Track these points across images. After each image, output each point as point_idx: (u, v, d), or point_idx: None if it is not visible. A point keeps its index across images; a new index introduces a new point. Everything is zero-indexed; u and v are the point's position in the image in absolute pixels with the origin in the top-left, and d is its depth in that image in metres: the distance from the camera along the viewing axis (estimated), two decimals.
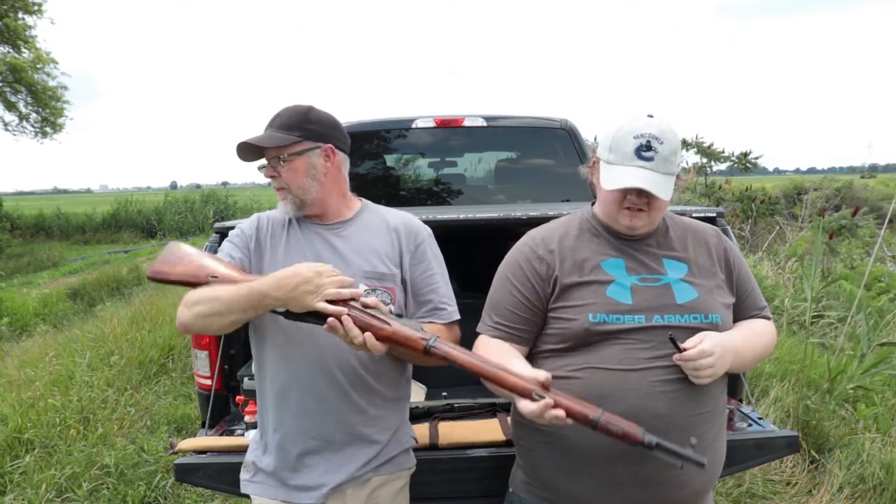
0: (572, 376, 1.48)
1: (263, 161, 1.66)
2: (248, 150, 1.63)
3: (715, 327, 1.48)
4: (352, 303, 1.44)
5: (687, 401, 1.44)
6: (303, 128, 1.63)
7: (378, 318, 1.43)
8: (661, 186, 1.44)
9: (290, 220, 1.72)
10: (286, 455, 1.64)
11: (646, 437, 1.26)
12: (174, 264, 1.57)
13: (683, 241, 1.59)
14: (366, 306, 1.44)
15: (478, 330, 1.61)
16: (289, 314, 1.47)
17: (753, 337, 1.56)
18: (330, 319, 1.42)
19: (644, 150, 1.44)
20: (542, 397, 1.29)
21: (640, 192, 1.46)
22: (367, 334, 1.42)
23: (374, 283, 1.64)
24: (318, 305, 1.42)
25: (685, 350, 1.39)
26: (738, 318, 1.60)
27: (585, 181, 1.66)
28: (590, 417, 1.28)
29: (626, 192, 1.47)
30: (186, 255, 1.58)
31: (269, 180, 1.66)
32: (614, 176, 1.46)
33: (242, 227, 1.73)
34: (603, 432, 1.28)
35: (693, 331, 1.45)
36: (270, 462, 1.66)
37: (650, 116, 1.49)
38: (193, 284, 1.55)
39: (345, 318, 1.41)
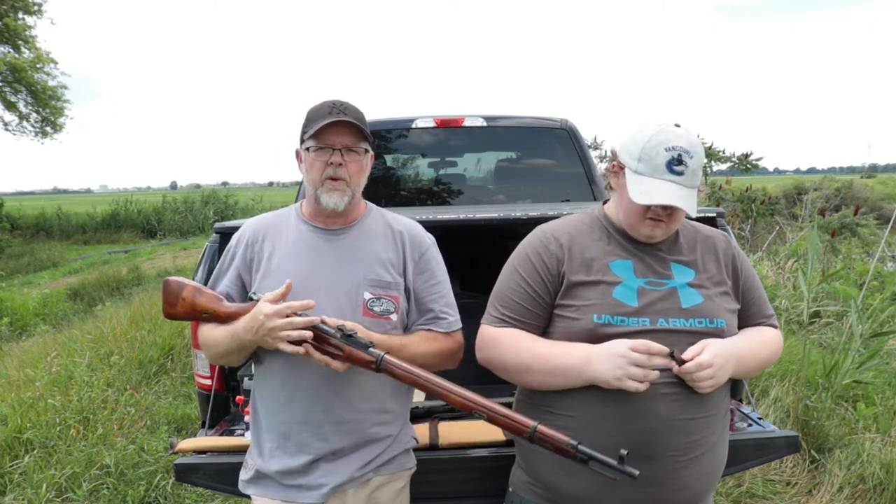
0: None
1: (315, 145, 1.60)
2: (330, 129, 1.58)
3: (720, 332, 1.48)
4: (318, 327, 1.50)
5: (689, 404, 1.44)
6: (368, 129, 1.64)
7: (332, 345, 1.50)
8: (689, 201, 1.43)
9: (290, 224, 1.71)
10: (289, 462, 1.64)
11: (578, 449, 1.36)
12: (174, 304, 1.68)
13: (692, 247, 1.58)
14: (324, 323, 1.51)
15: (482, 322, 1.60)
16: None
17: (759, 344, 1.56)
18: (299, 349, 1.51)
19: (675, 164, 1.42)
20: (482, 416, 1.46)
21: (666, 206, 1.44)
22: (325, 359, 1.50)
23: (378, 292, 1.64)
24: (280, 347, 1.50)
25: (684, 363, 1.39)
26: (744, 325, 1.60)
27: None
28: (525, 430, 1.41)
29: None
30: (181, 294, 1.67)
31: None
32: (644, 189, 1.43)
33: (230, 245, 1.74)
34: (538, 445, 1.40)
35: (697, 335, 1.45)
36: (272, 465, 1.65)
37: (678, 126, 1.46)
38: (196, 318, 1.68)
39: (306, 345, 1.50)
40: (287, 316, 1.48)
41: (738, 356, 1.47)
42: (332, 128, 1.58)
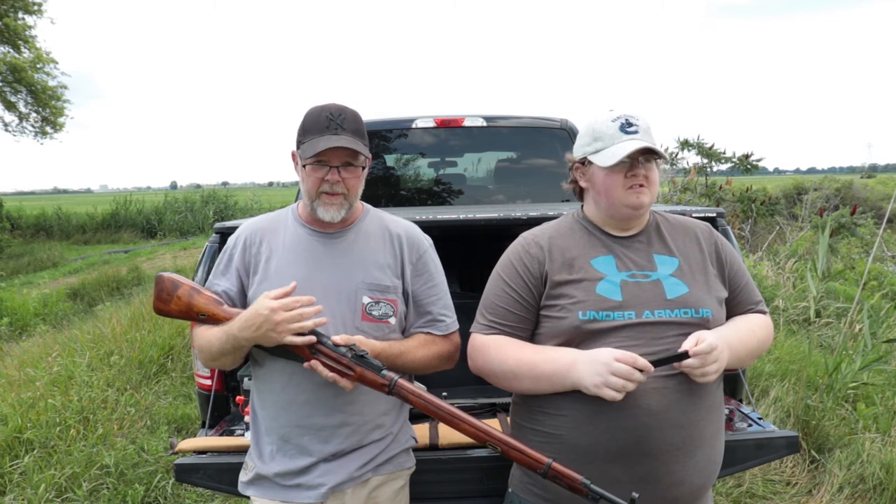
0: None
1: (312, 161, 1.57)
2: (329, 151, 1.56)
3: (705, 322, 1.48)
4: (322, 343, 1.50)
5: (682, 397, 1.44)
6: (366, 137, 1.62)
7: (343, 364, 1.50)
8: (655, 147, 1.50)
9: (287, 227, 1.70)
10: (289, 464, 1.64)
11: (590, 488, 1.39)
12: (168, 301, 1.66)
13: (674, 238, 1.60)
14: (336, 345, 1.50)
15: (471, 330, 1.61)
16: (272, 349, 1.53)
17: (747, 332, 1.57)
18: (307, 364, 1.50)
19: (627, 126, 1.51)
20: (495, 449, 1.48)
21: (639, 163, 1.49)
22: (334, 377, 1.50)
23: (377, 296, 1.64)
24: (285, 340, 1.48)
25: (687, 357, 1.39)
26: (733, 313, 1.61)
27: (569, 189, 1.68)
28: (540, 466, 1.43)
29: (629, 166, 1.49)
30: (176, 292, 1.65)
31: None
32: (612, 153, 1.50)
33: (227, 247, 1.72)
34: (551, 481, 1.42)
35: (683, 325, 1.46)
36: (272, 468, 1.65)
37: (612, 111, 1.56)
38: (190, 318, 1.66)
39: (314, 363, 1.50)
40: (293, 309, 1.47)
41: (729, 345, 1.48)
42: (331, 150, 1.56)
